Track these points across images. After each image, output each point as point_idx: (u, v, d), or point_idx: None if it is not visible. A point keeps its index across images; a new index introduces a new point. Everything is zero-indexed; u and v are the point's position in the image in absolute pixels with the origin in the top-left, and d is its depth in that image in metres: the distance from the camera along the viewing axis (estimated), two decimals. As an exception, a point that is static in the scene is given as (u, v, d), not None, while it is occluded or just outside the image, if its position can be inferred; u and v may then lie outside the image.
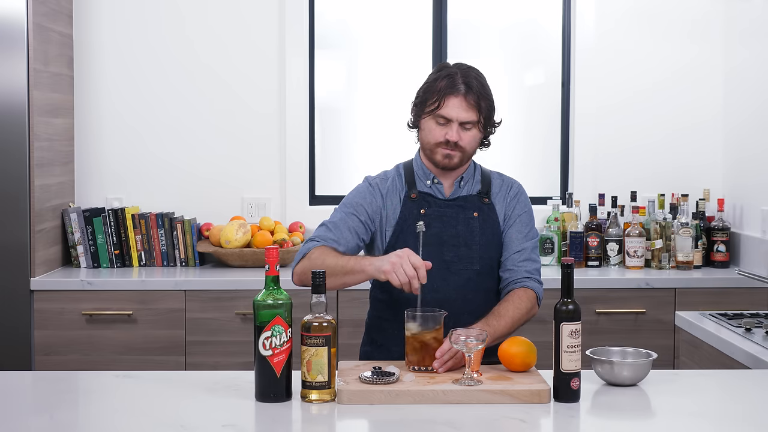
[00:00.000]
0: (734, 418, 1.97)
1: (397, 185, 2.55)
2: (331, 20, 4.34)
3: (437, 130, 2.46)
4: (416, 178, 2.54)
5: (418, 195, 2.52)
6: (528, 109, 4.42)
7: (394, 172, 2.58)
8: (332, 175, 4.34)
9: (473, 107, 2.44)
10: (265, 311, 2.01)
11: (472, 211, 2.51)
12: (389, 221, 2.51)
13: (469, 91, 2.44)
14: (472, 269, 2.47)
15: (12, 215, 3.61)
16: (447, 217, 2.50)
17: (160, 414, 1.98)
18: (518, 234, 2.53)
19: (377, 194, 2.53)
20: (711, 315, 2.94)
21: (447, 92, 2.44)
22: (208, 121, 4.21)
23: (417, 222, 2.42)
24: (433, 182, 2.53)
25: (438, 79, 2.47)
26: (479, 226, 2.50)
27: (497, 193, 2.56)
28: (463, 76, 2.46)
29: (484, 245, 2.49)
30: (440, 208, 2.51)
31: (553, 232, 4.05)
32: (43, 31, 3.72)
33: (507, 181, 2.61)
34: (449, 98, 2.44)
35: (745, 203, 3.99)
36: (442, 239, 2.47)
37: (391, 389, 2.02)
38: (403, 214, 2.49)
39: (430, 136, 2.48)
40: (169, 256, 3.99)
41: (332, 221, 2.49)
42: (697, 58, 4.24)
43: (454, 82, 2.44)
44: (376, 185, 2.55)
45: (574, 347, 2.02)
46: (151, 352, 3.65)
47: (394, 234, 2.49)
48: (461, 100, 2.44)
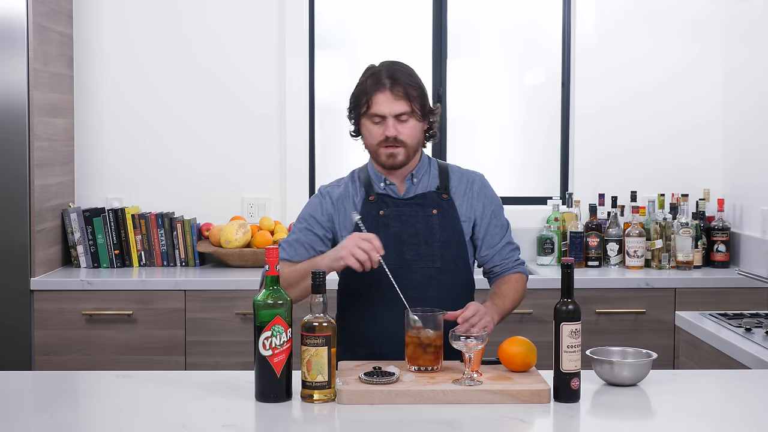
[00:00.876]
0: (735, 418, 1.97)
1: (350, 190, 2.56)
2: (331, 20, 4.35)
3: (375, 130, 2.47)
4: (371, 182, 2.56)
5: (376, 197, 2.53)
6: (528, 109, 4.42)
7: (348, 178, 2.61)
8: (332, 175, 4.27)
9: (402, 98, 2.44)
10: (265, 311, 2.01)
11: (431, 209, 2.51)
12: (344, 225, 2.52)
13: (394, 83, 2.45)
14: (433, 267, 2.48)
15: (12, 215, 3.61)
16: (406, 216, 2.50)
17: (161, 414, 1.98)
18: (495, 228, 2.57)
19: (327, 202, 2.56)
20: (711, 315, 2.94)
21: (373, 90, 2.46)
22: (208, 122, 4.21)
23: (377, 223, 2.46)
24: (385, 184, 2.54)
25: (365, 80, 2.50)
26: (439, 223, 2.50)
27: (456, 188, 2.56)
28: (387, 70, 2.48)
29: (444, 242, 2.49)
30: (398, 207, 2.51)
31: (553, 232, 4.05)
32: (43, 31, 3.72)
33: (467, 175, 2.60)
34: (376, 95, 2.45)
35: (745, 203, 3.99)
36: (401, 238, 2.48)
37: (391, 389, 2.02)
38: (362, 217, 2.50)
39: (371, 138, 2.49)
40: (169, 256, 3.99)
41: (287, 240, 2.55)
42: (697, 58, 4.24)
43: (378, 78, 2.46)
44: (326, 193, 2.58)
45: (574, 347, 2.02)
46: (151, 352, 3.65)
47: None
48: (388, 95, 2.44)
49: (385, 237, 2.42)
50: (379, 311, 2.44)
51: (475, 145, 4.38)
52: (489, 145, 4.45)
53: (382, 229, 2.47)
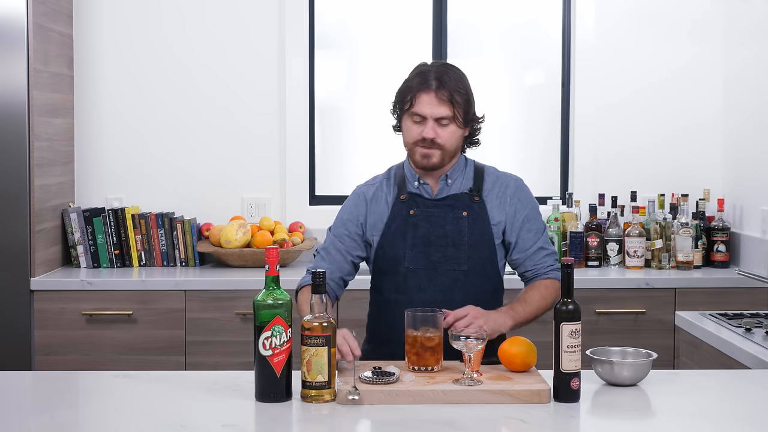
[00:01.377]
0: (734, 418, 1.97)
1: (384, 189, 2.55)
2: (331, 20, 4.34)
3: (414, 129, 2.46)
4: (406, 180, 2.55)
5: (407, 196, 2.52)
6: (528, 109, 4.42)
7: (384, 176, 2.60)
8: (332, 175, 4.34)
9: (446, 102, 2.42)
10: (265, 311, 2.01)
11: (461, 210, 2.49)
12: (376, 226, 2.52)
13: (441, 86, 2.42)
14: (459, 270, 2.47)
15: (12, 215, 3.61)
16: (435, 217, 2.49)
17: (160, 414, 1.98)
18: (528, 233, 2.53)
19: (362, 203, 2.55)
20: (711, 315, 2.94)
21: (419, 89, 2.44)
22: (208, 122, 4.21)
23: (406, 223, 2.47)
24: (419, 183, 2.53)
25: (412, 78, 2.48)
26: (468, 225, 2.48)
27: (490, 191, 2.53)
28: (436, 72, 2.45)
29: (473, 245, 2.48)
30: (428, 208, 2.50)
31: (553, 232, 4.05)
32: (43, 31, 3.72)
33: (502, 178, 2.57)
34: (421, 95, 2.43)
35: (745, 203, 3.99)
36: (429, 240, 2.47)
37: (391, 389, 2.02)
38: (392, 216, 2.50)
39: (408, 136, 2.49)
40: (169, 256, 3.99)
41: (324, 247, 2.57)
42: (697, 58, 4.24)
43: (425, 79, 2.44)
44: (361, 193, 2.58)
45: (574, 347, 2.02)
46: (151, 352, 3.65)
47: (382, 237, 2.51)
48: (432, 96, 2.42)
49: (413, 238, 2.44)
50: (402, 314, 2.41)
51: (475, 145, 4.37)
52: (489, 145, 4.43)
53: (410, 230, 2.47)
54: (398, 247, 2.44)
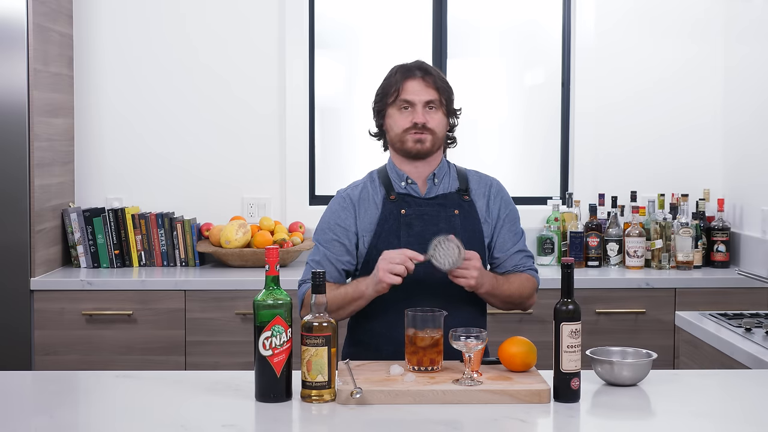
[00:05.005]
0: (734, 418, 1.97)
1: (371, 191, 2.55)
2: (331, 20, 4.34)
3: (403, 117, 2.48)
4: (392, 181, 2.55)
5: (397, 196, 2.52)
6: (528, 109, 4.42)
7: (367, 179, 2.59)
8: (332, 175, 4.34)
9: (432, 87, 2.48)
10: (265, 311, 2.01)
11: (452, 209, 2.51)
12: (366, 227, 2.51)
13: (426, 73, 2.49)
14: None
15: (12, 215, 3.61)
16: (428, 215, 2.50)
17: (160, 414, 1.98)
18: (509, 233, 2.56)
19: (349, 205, 2.54)
20: (711, 315, 2.94)
21: (404, 78, 2.49)
22: (208, 121, 4.21)
23: (399, 222, 2.47)
24: (407, 183, 2.53)
25: (393, 73, 2.53)
26: (460, 223, 2.50)
27: (476, 190, 2.56)
28: (417, 63, 2.53)
29: (465, 243, 2.47)
30: (420, 207, 2.51)
31: (553, 232, 4.05)
32: (43, 31, 3.72)
33: (484, 178, 2.61)
34: (407, 82, 2.48)
35: (745, 203, 3.99)
36: (424, 238, 2.46)
37: (391, 389, 2.02)
38: (383, 215, 2.50)
39: (397, 126, 2.49)
40: (169, 256, 3.99)
41: (314, 259, 2.52)
42: (697, 57, 4.24)
43: (409, 69, 2.51)
44: (346, 196, 2.56)
45: (574, 347, 2.02)
46: (151, 352, 3.65)
47: (375, 236, 2.49)
48: (419, 82, 2.48)
49: (407, 236, 2.44)
50: (402, 311, 2.41)
51: (475, 144, 4.37)
52: (489, 145, 4.44)
53: (404, 229, 2.47)
54: (393, 246, 2.43)
